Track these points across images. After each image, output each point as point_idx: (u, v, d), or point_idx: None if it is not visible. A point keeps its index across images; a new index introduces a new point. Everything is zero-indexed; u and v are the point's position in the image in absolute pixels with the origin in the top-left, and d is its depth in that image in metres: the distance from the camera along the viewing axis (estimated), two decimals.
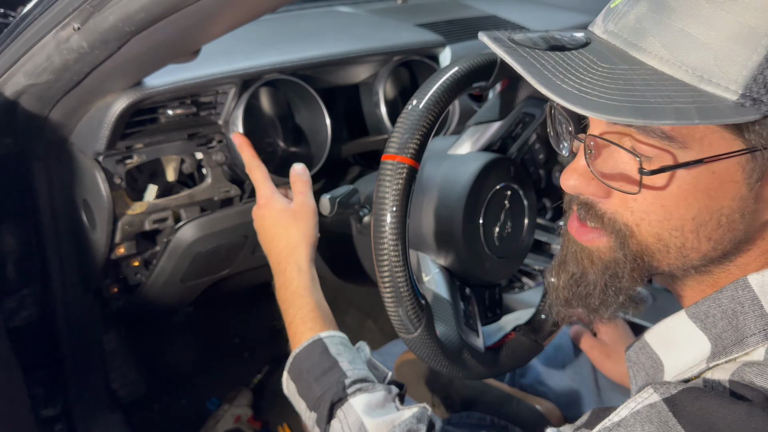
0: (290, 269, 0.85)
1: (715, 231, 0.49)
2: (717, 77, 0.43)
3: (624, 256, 0.52)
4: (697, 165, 0.46)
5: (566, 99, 0.44)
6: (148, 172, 1.08)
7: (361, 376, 0.75)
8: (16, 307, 1.17)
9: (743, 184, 0.47)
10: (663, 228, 0.50)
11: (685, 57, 0.44)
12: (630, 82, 0.45)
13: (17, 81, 0.89)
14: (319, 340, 0.78)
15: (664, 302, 1.34)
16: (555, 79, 0.45)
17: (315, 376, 0.75)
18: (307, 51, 1.10)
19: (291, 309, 0.83)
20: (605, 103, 0.43)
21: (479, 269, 0.83)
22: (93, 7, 0.75)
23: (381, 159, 0.70)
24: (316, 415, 0.74)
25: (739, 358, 0.48)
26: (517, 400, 1.01)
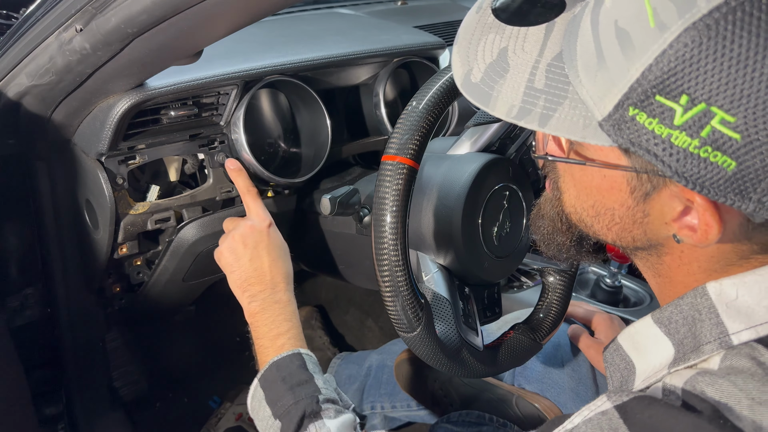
0: (290, 292, 0.88)
1: (613, 224, 0.53)
2: (595, 96, 0.45)
3: (550, 210, 0.61)
4: (579, 164, 0.52)
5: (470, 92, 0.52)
6: (151, 173, 1.08)
7: (332, 397, 0.77)
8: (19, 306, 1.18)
9: (628, 195, 0.49)
10: (577, 204, 0.56)
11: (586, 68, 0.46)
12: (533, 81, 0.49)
13: (20, 82, 0.90)
14: (299, 354, 0.80)
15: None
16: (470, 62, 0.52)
17: (290, 385, 0.76)
18: (307, 53, 1.11)
19: (286, 323, 0.84)
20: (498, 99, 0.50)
21: (478, 269, 0.84)
22: (95, 9, 0.75)
23: (381, 159, 0.71)
24: (281, 424, 0.74)
25: (697, 364, 0.49)
26: (516, 399, 1.01)
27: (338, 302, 1.83)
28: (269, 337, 0.83)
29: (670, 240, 0.51)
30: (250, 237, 0.88)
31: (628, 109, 0.43)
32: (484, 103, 0.51)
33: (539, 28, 0.51)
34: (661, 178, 0.46)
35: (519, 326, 0.91)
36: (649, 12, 0.41)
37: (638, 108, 0.42)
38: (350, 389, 1.37)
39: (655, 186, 0.47)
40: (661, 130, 0.42)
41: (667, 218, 0.49)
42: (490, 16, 0.52)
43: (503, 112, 0.50)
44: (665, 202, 0.48)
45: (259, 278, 0.87)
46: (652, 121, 0.42)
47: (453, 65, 0.54)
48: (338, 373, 1.44)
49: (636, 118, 0.43)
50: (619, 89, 0.43)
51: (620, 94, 0.43)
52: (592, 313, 1.05)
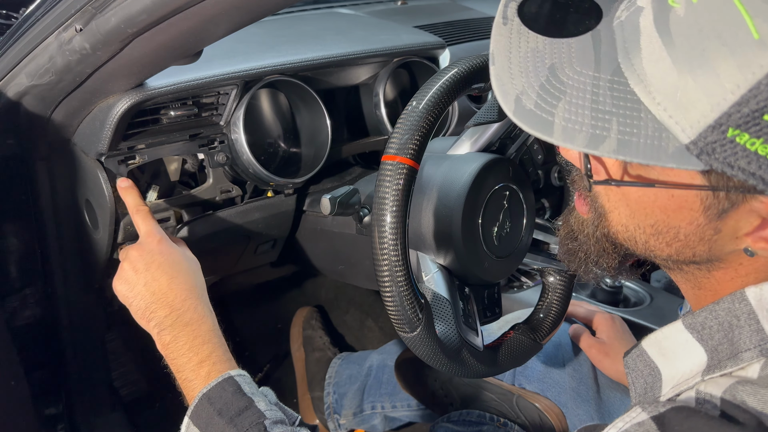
0: (202, 307, 0.78)
1: (674, 242, 0.50)
2: (678, 116, 0.41)
3: (593, 233, 0.56)
4: (649, 186, 0.47)
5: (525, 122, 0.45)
6: (150, 173, 1.08)
7: (279, 417, 0.70)
8: (19, 306, 1.18)
9: (701, 214, 0.46)
10: (630, 222, 0.52)
11: (660, 85, 0.42)
12: (597, 102, 0.43)
13: (20, 82, 0.90)
14: (230, 378, 0.72)
15: (662, 302, 1.35)
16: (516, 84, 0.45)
17: (229, 417, 0.68)
18: (307, 52, 1.11)
19: (206, 346, 0.75)
20: (564, 126, 0.43)
21: (478, 269, 0.84)
22: (95, 9, 0.75)
23: (381, 159, 0.71)
24: None
25: (734, 372, 0.47)
26: (517, 398, 1.01)
27: (338, 302, 1.83)
28: (190, 367, 0.74)
29: (734, 254, 0.48)
30: (139, 260, 0.79)
31: (727, 130, 0.39)
32: (547, 132, 0.44)
33: (584, 38, 0.45)
34: (741, 195, 0.43)
35: (519, 326, 0.91)
36: (749, 22, 0.37)
37: (741, 129, 0.38)
38: (351, 389, 1.37)
39: (733, 203, 0.44)
40: (766, 150, 0.38)
41: (740, 233, 0.46)
42: (522, 27, 0.48)
43: (573, 141, 0.43)
44: (742, 217, 0.45)
45: (161, 302, 0.77)
46: (756, 141, 0.38)
47: (497, 91, 0.46)
48: (338, 373, 1.44)
49: (736, 140, 0.39)
50: (712, 109, 0.39)
51: (716, 114, 0.39)
52: (593, 312, 1.05)
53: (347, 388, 1.38)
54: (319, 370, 1.50)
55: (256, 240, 1.19)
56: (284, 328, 1.69)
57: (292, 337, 1.64)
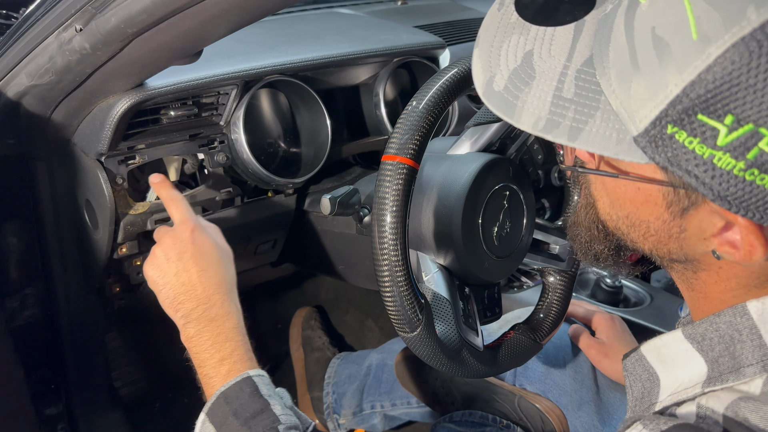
0: (229, 303, 0.78)
1: (648, 236, 0.51)
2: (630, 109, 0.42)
3: (585, 218, 0.58)
4: (612, 176, 0.49)
5: (493, 102, 0.47)
6: (150, 173, 1.08)
7: (293, 423, 0.70)
8: (19, 306, 1.18)
9: (664, 210, 0.47)
10: (612, 212, 0.53)
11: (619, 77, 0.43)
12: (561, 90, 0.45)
13: (20, 82, 0.90)
14: (249, 378, 0.72)
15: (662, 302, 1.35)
16: (492, 68, 0.48)
17: (244, 419, 0.68)
18: (307, 52, 1.11)
19: (229, 344, 0.75)
20: (523, 109, 0.46)
21: (478, 269, 0.84)
22: (95, 9, 0.75)
23: (381, 159, 0.71)
24: None
25: (735, 386, 0.47)
26: (518, 399, 1.01)
27: (338, 302, 1.83)
28: (211, 364, 0.74)
29: (707, 256, 0.48)
30: (172, 248, 0.78)
31: (666, 126, 0.40)
32: (508, 114, 0.47)
33: (567, 28, 0.47)
34: (701, 195, 0.43)
35: (519, 326, 0.91)
36: (692, 22, 0.37)
37: (678, 126, 0.39)
38: (350, 389, 1.37)
39: (693, 202, 0.45)
40: (703, 150, 0.39)
41: (706, 234, 0.46)
42: (514, 14, 0.49)
43: (529, 125, 0.46)
44: (704, 217, 0.45)
45: (189, 294, 0.76)
46: (693, 140, 0.39)
47: (474, 70, 0.49)
48: (338, 372, 1.44)
49: (675, 137, 0.40)
50: (656, 104, 0.40)
51: (658, 109, 0.40)
52: (592, 313, 1.04)
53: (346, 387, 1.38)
54: (318, 370, 1.50)
55: (256, 240, 1.19)
56: (284, 328, 1.69)
57: (291, 337, 1.64)
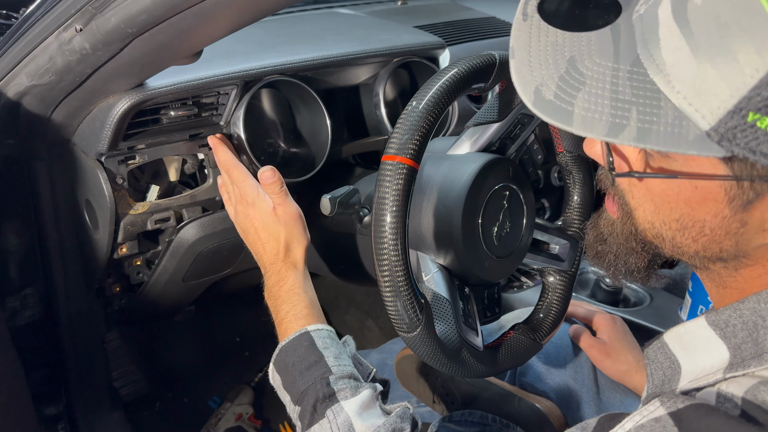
0: (285, 268, 0.86)
1: (700, 236, 0.49)
2: (698, 104, 0.41)
3: (622, 231, 0.56)
4: (671, 178, 0.47)
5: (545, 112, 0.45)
6: (150, 173, 1.08)
7: (346, 372, 0.75)
8: (19, 306, 1.18)
9: (725, 206, 0.46)
10: (655, 219, 0.52)
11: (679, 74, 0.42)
12: (617, 92, 0.44)
13: (20, 82, 0.90)
14: (306, 333, 0.79)
15: (662, 302, 1.35)
16: (536, 76, 0.46)
17: (300, 370, 0.75)
18: (307, 52, 1.11)
19: (284, 305, 0.83)
20: (583, 116, 0.44)
21: (478, 268, 0.84)
22: (95, 9, 0.75)
23: (381, 159, 0.71)
24: (300, 409, 0.74)
25: (757, 372, 0.46)
26: (518, 399, 1.01)
27: (338, 302, 1.83)
28: (276, 323, 0.83)
29: (759, 249, 0.48)
30: (242, 222, 0.92)
31: (747, 114, 0.39)
32: (566, 122, 0.45)
33: (603, 32, 0.46)
34: (767, 184, 0.43)
35: (519, 326, 0.91)
36: (765, 4, 0.37)
37: (761, 112, 0.39)
38: None
39: (758, 193, 0.44)
40: None
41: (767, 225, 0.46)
42: (542, 23, 0.48)
43: (592, 130, 0.44)
44: (767, 208, 0.45)
45: (263, 262, 0.88)
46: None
47: (517, 83, 0.47)
48: None
49: (757, 124, 0.39)
50: (731, 94, 0.39)
51: (735, 99, 0.39)
52: (593, 313, 1.04)
53: None
54: None
55: None
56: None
57: None
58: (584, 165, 0.93)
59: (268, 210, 0.89)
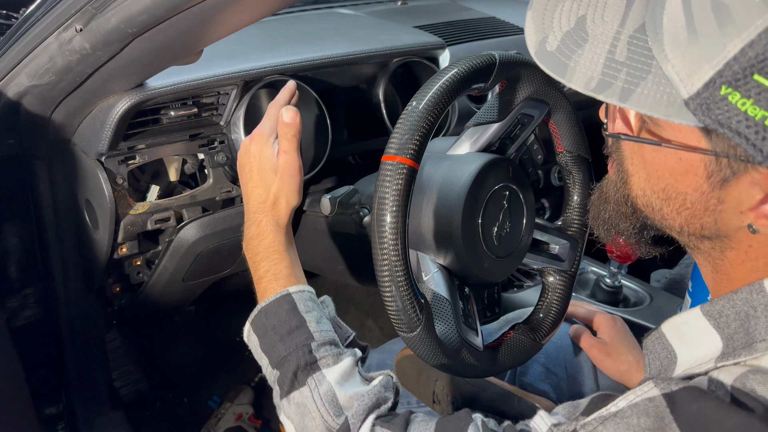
0: (267, 222, 0.82)
1: (682, 209, 0.51)
2: (682, 72, 0.43)
3: (614, 194, 0.59)
4: (655, 144, 0.50)
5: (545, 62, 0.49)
6: (151, 173, 1.09)
7: (328, 339, 0.74)
8: (19, 306, 1.18)
9: (704, 180, 0.48)
10: (647, 186, 0.54)
11: (672, 42, 0.44)
12: (613, 53, 0.46)
13: (20, 82, 0.90)
14: (288, 295, 0.76)
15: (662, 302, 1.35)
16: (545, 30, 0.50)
17: (280, 335, 0.73)
18: (307, 53, 1.11)
19: (264, 263, 0.79)
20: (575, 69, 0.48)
21: (478, 268, 0.84)
22: (95, 9, 0.75)
23: (381, 159, 0.71)
24: (279, 373, 0.71)
25: (747, 361, 0.48)
26: (518, 399, 1.01)
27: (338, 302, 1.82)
28: (254, 280, 0.79)
29: (739, 232, 0.49)
30: (242, 156, 0.87)
31: (720, 87, 0.41)
32: (560, 73, 0.49)
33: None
34: (743, 164, 0.44)
35: (519, 326, 0.91)
36: None
37: (732, 87, 0.40)
38: None
39: (735, 172, 0.45)
40: (755, 111, 0.40)
41: (744, 207, 0.47)
42: None
43: (581, 84, 0.48)
44: (744, 189, 0.46)
45: (247, 208, 0.84)
46: (746, 101, 0.40)
47: (527, 32, 0.51)
48: None
49: (728, 98, 0.40)
50: (711, 66, 0.41)
51: (712, 71, 0.41)
52: (594, 313, 1.05)
53: None
54: None
55: None
56: None
57: None
58: (584, 165, 0.93)
59: (271, 156, 0.84)
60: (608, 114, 0.57)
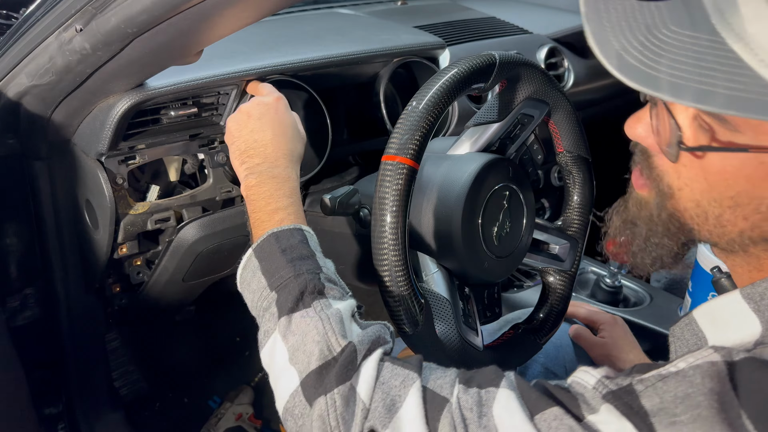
0: (291, 170, 0.81)
1: (753, 215, 0.49)
2: None
3: (659, 214, 0.55)
4: (741, 152, 0.47)
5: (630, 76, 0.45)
6: (150, 173, 1.08)
7: (333, 277, 0.71)
8: (19, 306, 1.18)
9: None
10: (703, 197, 0.51)
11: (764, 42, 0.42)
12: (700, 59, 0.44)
13: (20, 82, 0.90)
14: (301, 230, 0.73)
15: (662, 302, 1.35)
16: (616, 42, 0.46)
17: (291, 258, 0.69)
18: (307, 53, 1.11)
19: (285, 199, 0.76)
20: (671, 82, 0.44)
21: (478, 269, 0.84)
22: (95, 9, 0.75)
23: (381, 159, 0.71)
24: (277, 296, 0.67)
25: None
26: None
27: None
28: (267, 211, 0.76)
29: None
30: (255, 109, 0.84)
31: None
32: (654, 86, 0.45)
33: (672, 2, 0.46)
34: None
35: (519, 326, 0.91)
36: None
37: None
38: None
39: None
40: None
41: None
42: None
43: (673, 94, 0.44)
44: None
45: (259, 151, 0.80)
46: None
47: (597, 49, 0.47)
48: None
49: None
50: None
51: None
52: (594, 313, 1.04)
53: None
54: None
55: None
56: None
57: None
58: (584, 165, 0.93)
59: (281, 108, 0.85)
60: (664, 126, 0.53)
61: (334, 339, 0.62)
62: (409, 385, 0.57)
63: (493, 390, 0.56)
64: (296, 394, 0.60)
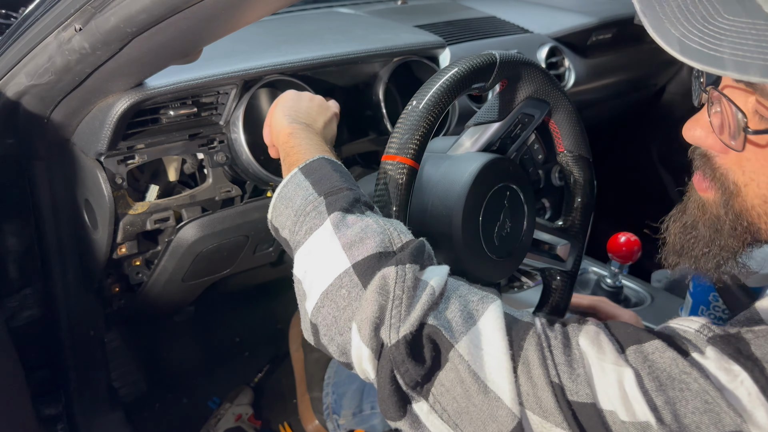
0: (327, 145, 0.80)
1: None
2: None
3: (725, 213, 0.55)
4: None
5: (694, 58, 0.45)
6: (150, 173, 1.08)
7: None
8: (18, 306, 1.18)
9: None
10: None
11: None
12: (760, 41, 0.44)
13: (19, 81, 0.90)
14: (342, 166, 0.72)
15: (662, 302, 1.35)
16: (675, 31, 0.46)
17: (343, 175, 0.68)
18: (307, 52, 1.11)
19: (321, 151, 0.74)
20: (735, 61, 0.44)
21: (478, 269, 0.83)
22: (94, 8, 0.75)
23: (381, 159, 0.71)
24: (326, 200, 0.63)
25: None
26: None
27: None
28: (303, 151, 0.73)
29: None
30: (315, 97, 0.88)
31: None
32: (718, 65, 0.45)
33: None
34: None
35: None
36: None
37: None
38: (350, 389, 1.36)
39: None
40: None
41: None
42: None
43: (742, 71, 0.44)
44: None
45: (305, 115, 0.82)
46: None
47: (658, 37, 0.47)
48: (338, 373, 1.44)
49: None
50: None
51: None
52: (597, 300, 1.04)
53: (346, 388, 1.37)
54: (318, 371, 1.50)
55: (255, 240, 1.19)
56: (284, 328, 1.69)
57: (291, 337, 1.64)
58: (585, 165, 0.93)
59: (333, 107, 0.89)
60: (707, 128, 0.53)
61: (396, 234, 0.60)
62: (488, 303, 0.56)
63: (577, 326, 0.55)
64: (345, 275, 0.57)
